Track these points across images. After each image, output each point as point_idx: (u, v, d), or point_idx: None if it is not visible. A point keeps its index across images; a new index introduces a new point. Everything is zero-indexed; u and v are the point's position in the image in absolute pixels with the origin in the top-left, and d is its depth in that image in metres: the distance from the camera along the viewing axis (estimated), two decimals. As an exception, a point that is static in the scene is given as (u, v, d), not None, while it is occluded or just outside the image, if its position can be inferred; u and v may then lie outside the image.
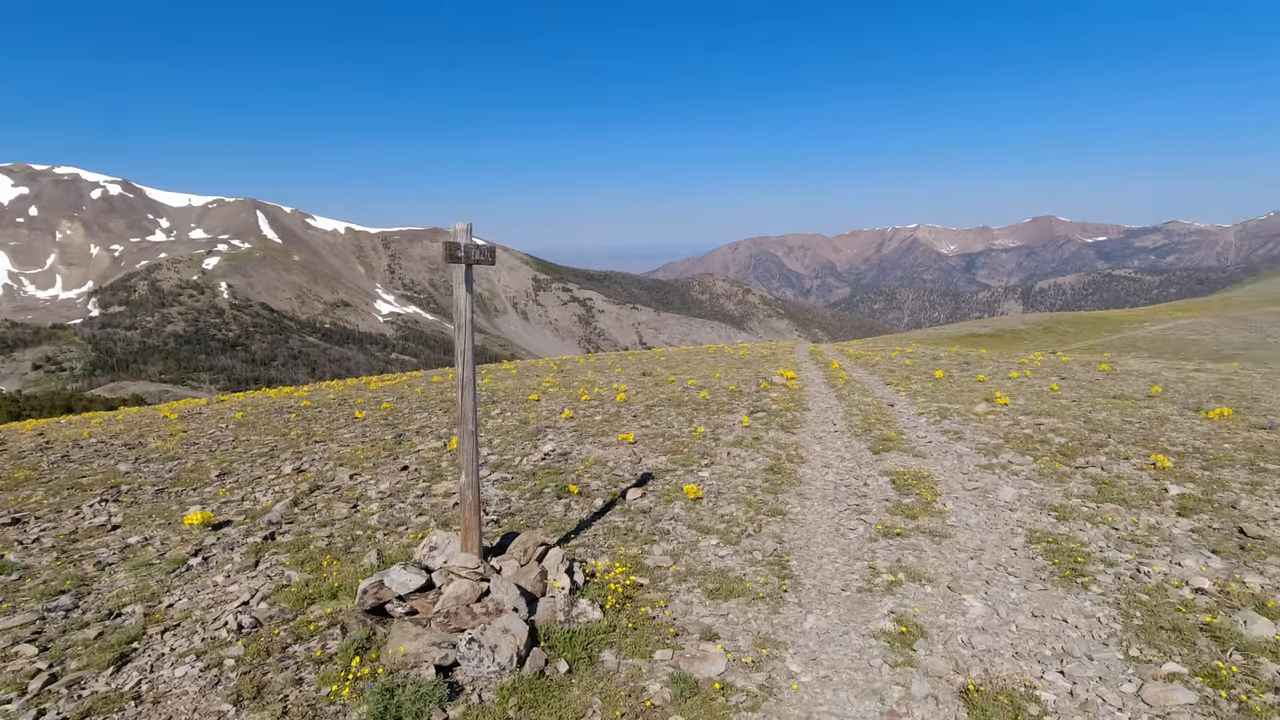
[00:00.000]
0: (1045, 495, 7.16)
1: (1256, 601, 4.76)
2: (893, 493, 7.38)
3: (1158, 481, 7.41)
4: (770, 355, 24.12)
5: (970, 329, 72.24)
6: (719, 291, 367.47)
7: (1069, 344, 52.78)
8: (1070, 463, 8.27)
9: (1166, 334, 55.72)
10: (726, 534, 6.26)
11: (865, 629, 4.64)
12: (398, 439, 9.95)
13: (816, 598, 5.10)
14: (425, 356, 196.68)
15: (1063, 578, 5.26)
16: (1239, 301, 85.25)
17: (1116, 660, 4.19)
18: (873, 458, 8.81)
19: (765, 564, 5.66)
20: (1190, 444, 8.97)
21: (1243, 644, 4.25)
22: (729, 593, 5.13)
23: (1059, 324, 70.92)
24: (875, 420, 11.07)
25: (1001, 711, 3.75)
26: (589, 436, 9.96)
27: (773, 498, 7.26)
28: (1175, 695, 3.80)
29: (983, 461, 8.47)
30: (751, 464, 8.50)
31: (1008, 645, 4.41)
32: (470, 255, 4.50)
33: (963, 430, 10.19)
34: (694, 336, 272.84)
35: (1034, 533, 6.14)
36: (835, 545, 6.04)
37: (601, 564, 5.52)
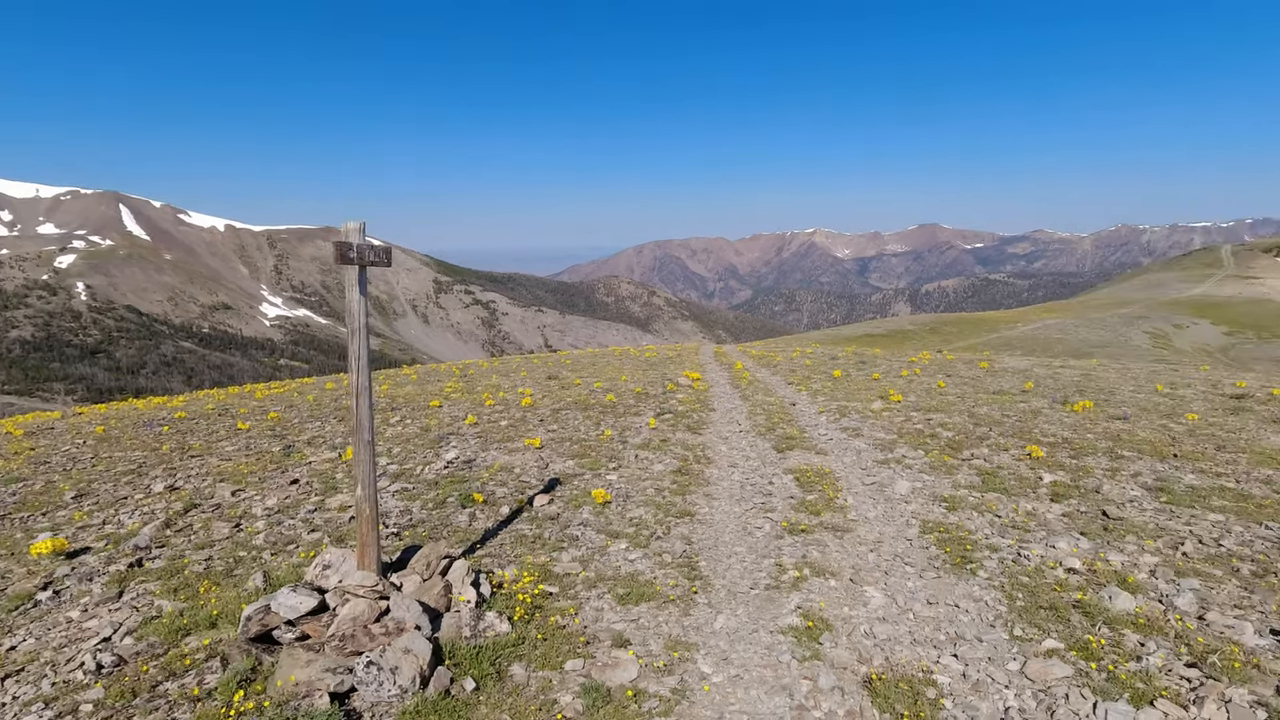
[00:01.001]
0: (936, 487, 7.56)
1: (1119, 578, 5.19)
2: (797, 490, 7.58)
3: (1033, 470, 7.99)
4: (676, 357, 24.42)
5: (865, 329, 76.04)
6: (624, 294, 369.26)
7: (953, 343, 56.54)
8: (958, 455, 8.79)
9: (1036, 333, 60.75)
10: (636, 537, 6.22)
11: (774, 625, 4.72)
12: (286, 451, 9.31)
13: (726, 597, 5.14)
14: (318, 362, 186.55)
15: (953, 565, 5.55)
16: (1095, 304, 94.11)
17: (1003, 640, 4.45)
18: (777, 456, 9.04)
19: (675, 566, 5.66)
20: (1060, 435, 9.76)
21: (1109, 617, 4.61)
22: (640, 597, 5.09)
23: (944, 324, 75.87)
24: (778, 419, 11.38)
25: (902, 698, 3.89)
26: (494, 442, 9.70)
27: (681, 499, 7.30)
28: (1054, 670, 4.06)
29: (879, 457, 8.87)
30: (659, 466, 8.52)
31: (906, 633, 4.60)
32: (364, 256, 4.24)
33: (860, 427, 10.64)
34: (600, 339, 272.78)
35: (927, 523, 6.46)
36: (743, 544, 6.13)
37: (509, 574, 5.35)
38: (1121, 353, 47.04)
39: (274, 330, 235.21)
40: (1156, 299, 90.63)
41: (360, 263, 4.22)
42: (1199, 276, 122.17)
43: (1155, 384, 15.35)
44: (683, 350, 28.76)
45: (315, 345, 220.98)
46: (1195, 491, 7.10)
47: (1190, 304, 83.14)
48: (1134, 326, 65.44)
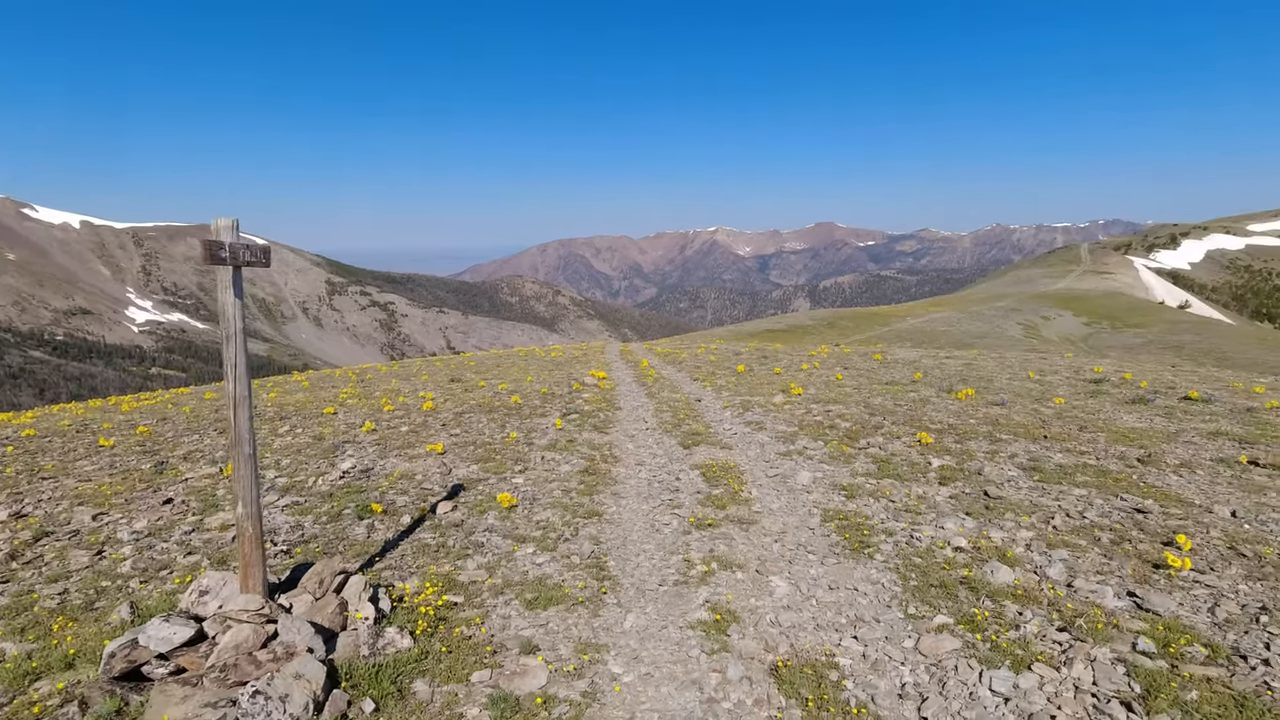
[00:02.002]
0: (836, 476, 7.86)
1: (999, 553, 5.57)
2: (703, 485, 7.68)
3: (923, 456, 8.46)
4: (582, 356, 24.32)
5: (767, 325, 78.39)
6: (529, 293, 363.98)
7: (849, 337, 59.25)
8: (855, 445, 9.19)
9: (923, 326, 64.60)
10: (543, 541, 6.11)
11: (683, 621, 4.75)
12: (159, 468, 8.55)
13: (635, 596, 5.13)
14: (196, 370, 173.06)
15: (852, 550, 5.78)
16: (975, 298, 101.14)
17: (898, 620, 4.66)
18: (683, 452, 9.14)
19: (584, 567, 5.60)
20: (946, 421, 10.38)
21: (991, 591, 4.93)
22: (548, 601, 5.00)
23: (840, 319, 79.34)
24: (684, 416, 11.52)
25: (807, 682, 4.00)
26: (394, 449, 9.30)
27: (588, 499, 7.24)
28: (944, 644, 4.30)
29: (782, 449, 9.13)
30: (566, 467, 8.43)
31: (810, 619, 4.74)
32: (238, 256, 3.92)
33: (764, 421, 10.92)
34: (505, 339, 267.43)
35: (828, 512, 6.70)
36: (651, 541, 6.15)
37: (411, 586, 5.13)
38: (998, 343, 50.79)
39: (143, 337, 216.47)
40: (1027, 293, 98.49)
41: (234, 262, 3.90)
42: (1061, 272, 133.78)
43: (1028, 371, 16.65)
44: (589, 349, 28.69)
45: (193, 352, 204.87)
46: (1063, 469, 7.73)
47: (1055, 297, 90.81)
48: (1008, 318, 70.81)
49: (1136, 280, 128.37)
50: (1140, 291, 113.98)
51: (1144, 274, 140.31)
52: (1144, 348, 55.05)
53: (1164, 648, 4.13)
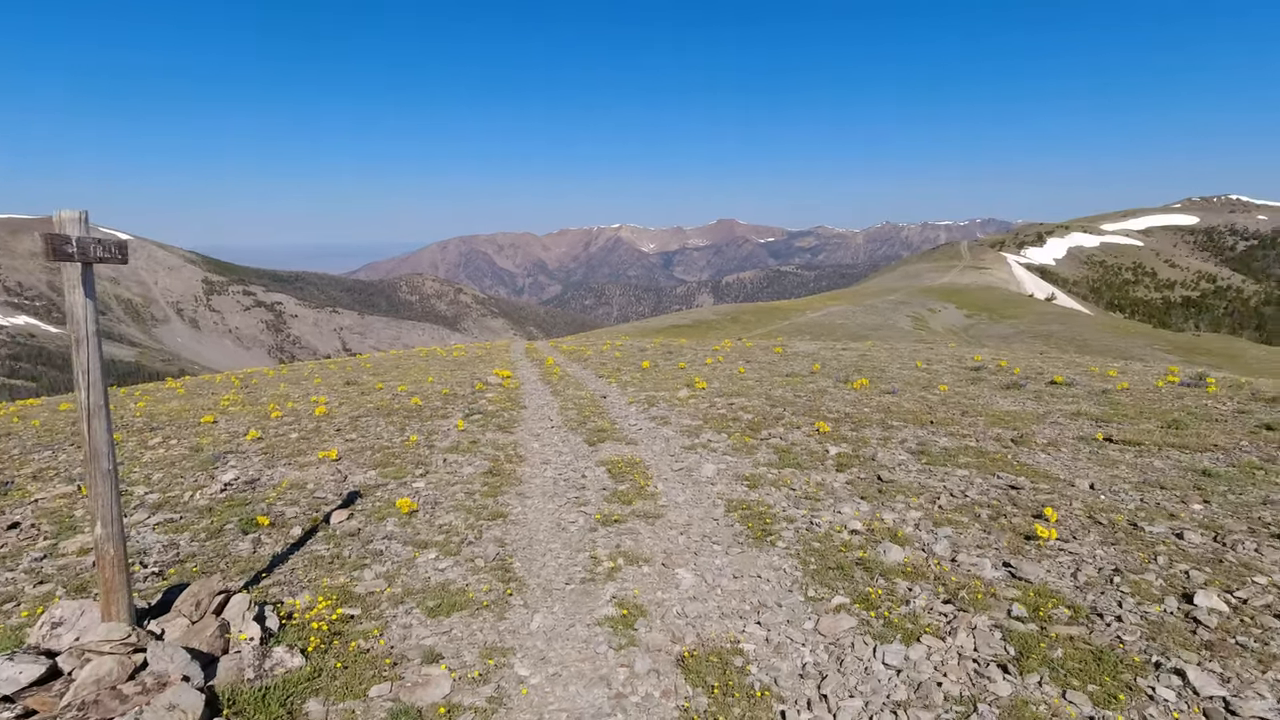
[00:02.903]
0: (739, 467, 8.05)
1: (891, 533, 5.86)
2: (609, 481, 7.68)
3: (821, 445, 8.79)
4: (485, 355, 23.80)
5: (672, 321, 79.43)
6: (429, 292, 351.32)
7: (752, 331, 60.93)
8: (757, 436, 9.43)
9: (821, 320, 67.35)
10: (446, 545, 5.92)
11: (590, 618, 4.72)
12: (2, 489, 7.68)
13: (542, 596, 5.06)
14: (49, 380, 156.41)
15: (755, 539, 5.93)
16: (868, 292, 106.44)
17: (799, 603, 4.82)
18: (589, 449, 9.10)
19: (488, 570, 5.46)
20: (842, 410, 10.84)
21: (884, 569, 5.18)
22: (451, 607, 4.84)
23: (743, 314, 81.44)
24: (590, 412, 11.48)
25: (712, 670, 4.07)
26: (283, 458, 8.75)
27: (493, 501, 7.08)
28: (842, 623, 4.48)
29: (687, 442, 9.26)
30: (469, 468, 8.21)
31: (715, 609, 4.82)
32: (88, 251, 3.55)
33: (668, 415, 11.04)
34: (405, 340, 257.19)
35: (731, 502, 6.84)
36: (558, 540, 6.08)
37: (302, 601, 4.83)
38: (890, 334, 53.72)
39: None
40: (915, 287, 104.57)
41: (83, 259, 3.53)
42: (945, 267, 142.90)
43: (916, 361, 17.67)
44: (493, 348, 28.12)
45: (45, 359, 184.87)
46: (947, 452, 8.23)
47: (940, 291, 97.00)
48: (899, 311, 74.94)
49: (1010, 275, 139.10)
50: (1013, 285, 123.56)
51: (1016, 269, 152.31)
52: (1017, 337, 59.73)
53: (1034, 612, 4.47)
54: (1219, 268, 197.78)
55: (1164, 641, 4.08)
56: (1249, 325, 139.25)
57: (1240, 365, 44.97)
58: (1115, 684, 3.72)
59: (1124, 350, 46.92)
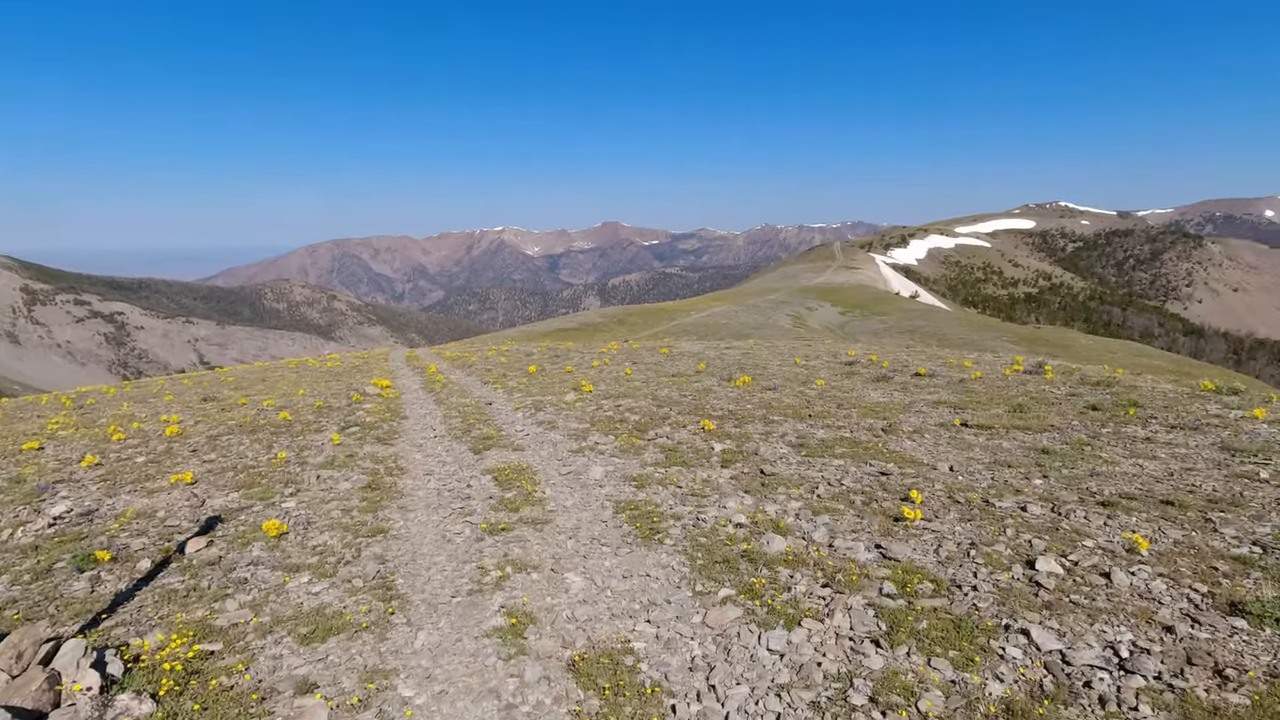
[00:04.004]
0: (626, 468, 8.09)
1: (773, 524, 6.08)
2: (496, 489, 7.50)
3: (707, 442, 9.00)
4: (363, 365, 22.66)
5: (559, 324, 78.89)
6: (299, 299, 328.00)
7: (639, 332, 61.55)
8: (644, 436, 9.53)
9: (706, 320, 69.07)
10: (320, 567, 5.57)
11: (478, 630, 4.58)
12: None
13: (427, 612, 4.86)
14: None
15: (644, 538, 5.98)
16: (750, 292, 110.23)
17: (687, 598, 4.90)
18: (474, 458, 8.86)
19: (368, 590, 5.19)
20: (726, 408, 11.16)
21: (767, 559, 5.37)
22: (327, 631, 4.56)
23: (630, 316, 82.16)
24: (475, 420, 11.19)
25: (604, 671, 4.06)
26: (127, 485, 7.92)
27: (372, 516, 6.74)
28: (728, 614, 4.60)
29: (574, 446, 9.21)
30: (346, 484, 7.77)
31: (605, 610, 4.81)
32: None
33: (556, 419, 10.95)
34: (272, 350, 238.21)
35: (620, 503, 6.86)
36: (443, 553, 5.87)
37: (152, 641, 4.38)
38: (771, 333, 55.91)
39: None
40: (793, 287, 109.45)
41: None
42: (821, 268, 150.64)
43: (795, 358, 18.49)
44: (371, 357, 26.82)
45: None
46: (825, 443, 8.66)
47: (816, 290, 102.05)
48: (779, 310, 78.16)
49: (879, 274, 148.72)
50: (882, 284, 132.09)
51: (884, 269, 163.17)
52: (887, 332, 63.94)
53: (902, 588, 4.78)
54: (1053, 267, 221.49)
55: (1012, 605, 4.48)
56: (1079, 317, 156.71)
57: (1072, 353, 50.35)
58: (972, 648, 4.05)
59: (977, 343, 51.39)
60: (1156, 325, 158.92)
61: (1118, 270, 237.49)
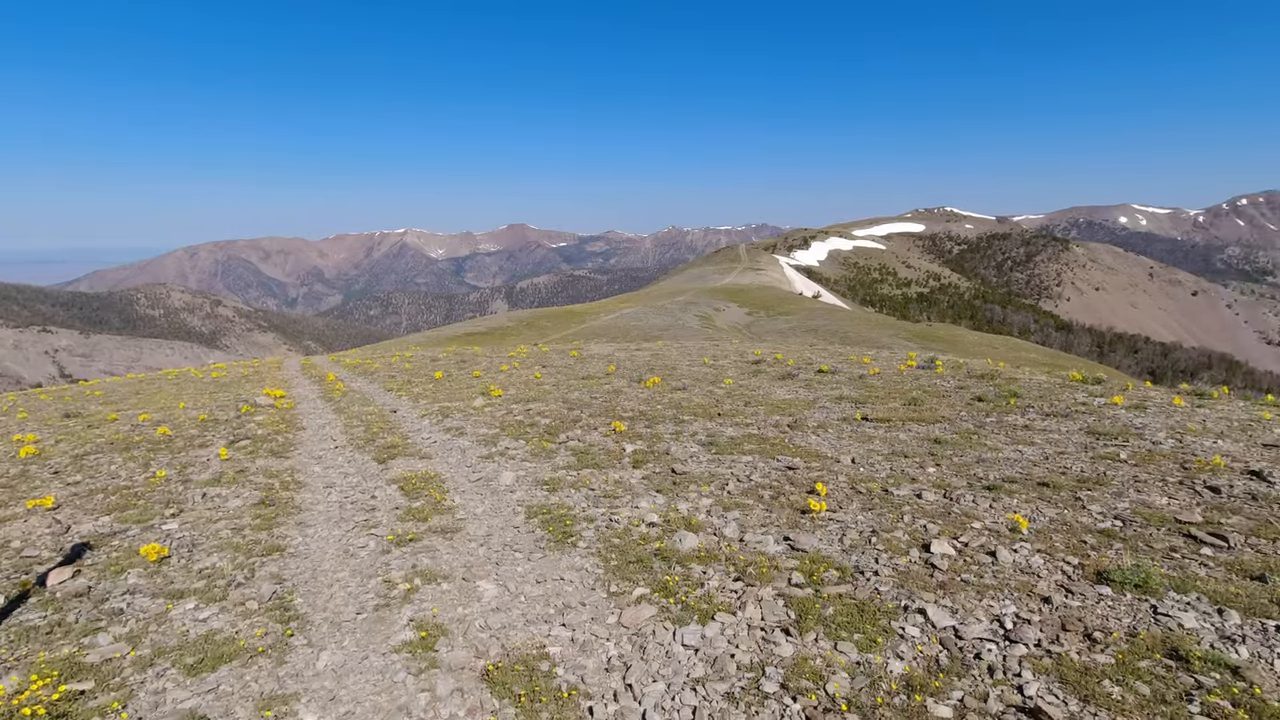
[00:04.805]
0: (538, 472, 7.99)
1: (685, 522, 6.16)
2: (402, 499, 7.23)
3: (618, 444, 9.01)
4: (254, 374, 21.33)
5: (466, 329, 77.07)
6: (178, 304, 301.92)
7: (548, 335, 61.00)
8: (555, 440, 9.44)
9: (616, 322, 69.26)
10: (208, 591, 5.18)
11: (386, 646, 4.40)
12: None
13: (330, 631, 4.62)
14: None
15: (557, 542, 5.91)
16: (659, 294, 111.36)
17: (602, 599, 4.88)
18: (379, 468, 8.51)
19: (264, 612, 4.87)
20: (637, 409, 11.22)
21: (680, 557, 5.43)
22: (218, 659, 4.24)
23: (539, 319, 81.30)
24: (379, 429, 10.75)
25: (519, 678, 3.98)
26: (-24, 512, 7.11)
27: (267, 534, 6.34)
28: (643, 612, 4.61)
29: (484, 452, 9.01)
30: (236, 501, 7.27)
31: (519, 616, 4.72)
32: None
33: (464, 426, 10.68)
34: (147, 361, 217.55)
35: (532, 508, 6.76)
36: (346, 568, 5.59)
37: (8, 685, 3.94)
38: (680, 334, 56.73)
39: None
40: (701, 288, 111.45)
41: None
42: (727, 269, 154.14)
43: (703, 358, 18.83)
44: (263, 366, 25.29)
45: None
46: (733, 441, 8.85)
47: (723, 291, 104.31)
48: (688, 311, 79.39)
49: (783, 275, 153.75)
50: (786, 285, 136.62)
51: (788, 270, 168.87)
52: (791, 332, 66.18)
53: (810, 578, 4.95)
54: (942, 268, 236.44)
55: (910, 587, 4.72)
56: (965, 315, 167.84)
57: (960, 349, 53.84)
58: (875, 629, 4.24)
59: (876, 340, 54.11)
60: (1032, 322, 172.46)
61: (998, 271, 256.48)
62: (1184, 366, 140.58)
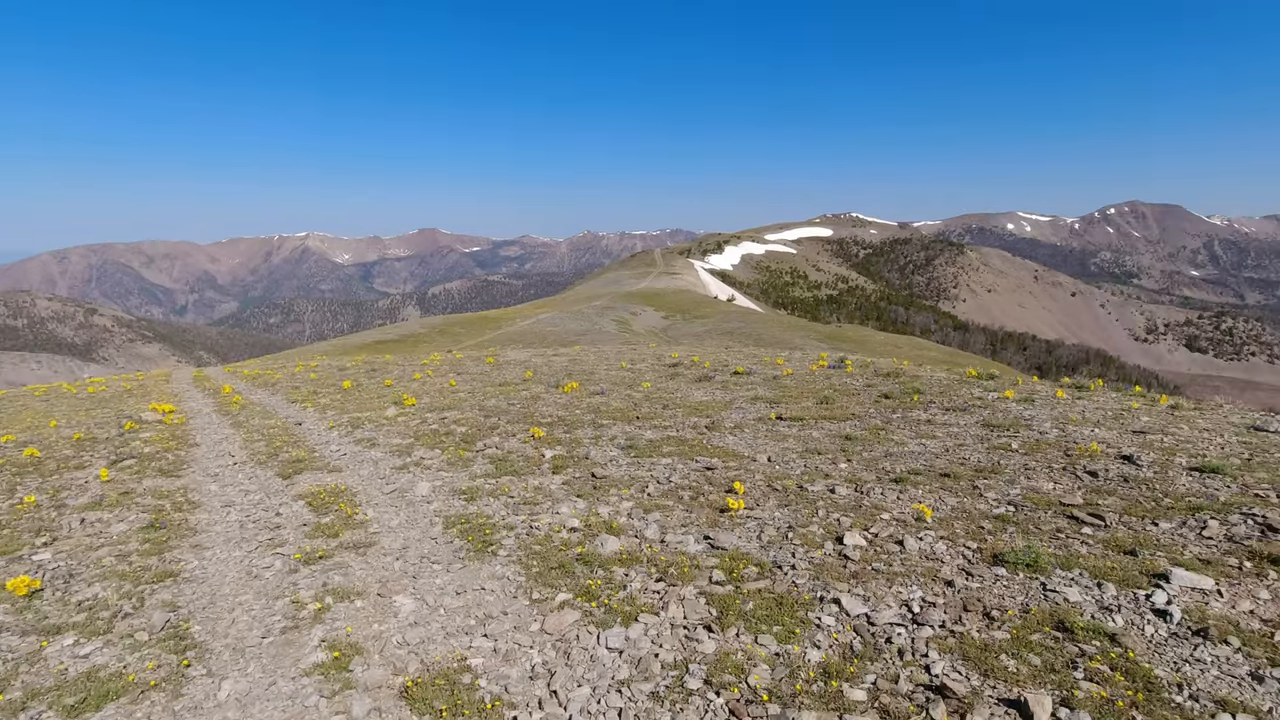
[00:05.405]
0: (455, 481, 7.79)
1: (607, 526, 6.16)
2: (310, 516, 6.89)
3: (537, 450, 8.91)
4: (139, 388, 19.80)
5: (376, 336, 74.31)
6: (45, 313, 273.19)
7: (462, 342, 59.58)
8: (472, 448, 9.23)
9: (532, 327, 68.46)
10: (90, 624, 4.76)
11: (296, 670, 4.17)
12: None
13: (232, 658, 4.34)
14: None
15: (477, 551, 5.79)
16: (575, 299, 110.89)
17: (525, 607, 4.82)
18: (283, 484, 8.07)
19: (156, 643, 4.52)
20: (556, 415, 11.12)
21: (602, 560, 5.42)
22: (103, 697, 3.92)
23: (452, 325, 79.32)
24: (282, 443, 10.21)
25: (439, 693, 3.87)
26: None
27: (158, 560, 5.89)
28: (566, 618, 4.58)
29: (398, 463, 8.71)
30: (121, 526, 6.73)
31: (439, 630, 4.59)
32: None
33: (376, 436, 10.29)
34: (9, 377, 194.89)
35: (449, 518, 6.59)
36: (249, 590, 5.27)
37: None
38: (598, 338, 56.68)
39: None
40: (617, 292, 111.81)
41: None
42: (643, 274, 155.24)
43: (621, 362, 18.89)
44: (148, 379, 23.52)
45: None
46: (652, 444, 8.92)
47: (640, 295, 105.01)
48: (604, 316, 79.43)
49: (698, 279, 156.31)
50: (701, 289, 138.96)
51: (702, 274, 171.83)
52: (707, 335, 67.31)
53: (730, 575, 5.04)
54: (850, 271, 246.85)
55: (825, 579, 4.90)
56: (872, 316, 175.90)
57: (868, 349, 56.32)
58: (793, 621, 4.37)
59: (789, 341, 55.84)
60: (932, 322, 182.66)
61: (901, 274, 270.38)
62: (1066, 362, 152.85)
